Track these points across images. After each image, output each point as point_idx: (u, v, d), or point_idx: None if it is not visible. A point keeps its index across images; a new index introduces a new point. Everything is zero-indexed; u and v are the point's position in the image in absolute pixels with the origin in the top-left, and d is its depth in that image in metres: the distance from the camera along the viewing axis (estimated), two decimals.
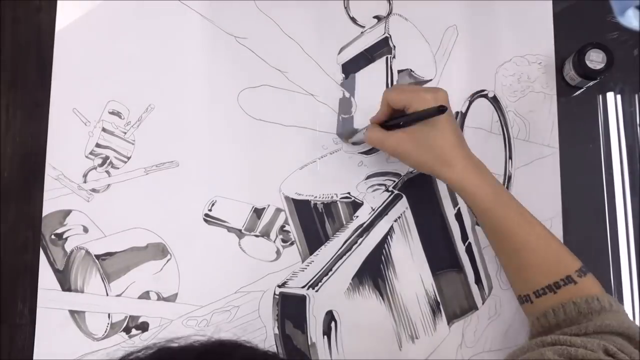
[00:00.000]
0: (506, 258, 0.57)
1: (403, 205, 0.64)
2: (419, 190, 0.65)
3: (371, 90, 0.66)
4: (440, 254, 0.65)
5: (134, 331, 0.63)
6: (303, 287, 0.62)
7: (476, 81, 0.67)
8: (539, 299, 0.53)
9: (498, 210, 0.54)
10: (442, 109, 0.50)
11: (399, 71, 0.67)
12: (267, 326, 0.63)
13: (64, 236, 0.64)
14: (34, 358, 0.62)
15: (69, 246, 0.64)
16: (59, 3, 0.67)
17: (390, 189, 0.65)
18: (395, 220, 0.64)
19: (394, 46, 0.67)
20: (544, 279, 0.52)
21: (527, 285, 0.54)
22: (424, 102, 0.53)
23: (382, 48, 0.67)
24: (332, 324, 0.62)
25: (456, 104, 0.67)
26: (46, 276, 0.63)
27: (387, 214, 0.64)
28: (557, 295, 0.52)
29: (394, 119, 0.58)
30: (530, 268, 0.54)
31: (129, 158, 0.65)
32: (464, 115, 0.67)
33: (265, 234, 0.64)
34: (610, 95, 0.68)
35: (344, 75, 0.67)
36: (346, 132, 0.65)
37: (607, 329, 0.48)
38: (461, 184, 0.54)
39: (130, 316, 0.63)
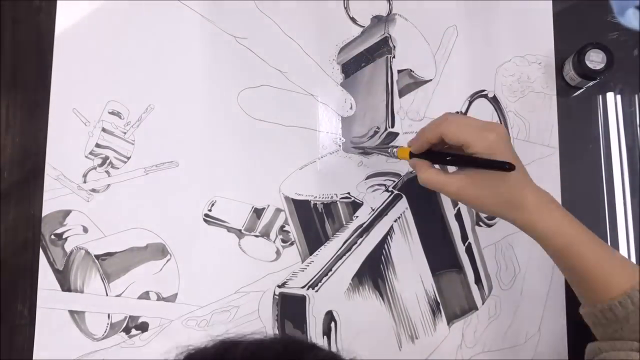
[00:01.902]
0: (582, 290, 0.53)
1: (403, 205, 0.64)
2: (419, 190, 0.65)
3: (371, 90, 0.66)
4: (440, 254, 0.65)
5: (133, 331, 0.63)
6: (303, 287, 0.62)
7: (476, 81, 0.67)
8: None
9: (574, 249, 0.50)
10: (511, 167, 0.47)
11: (399, 71, 0.67)
12: (267, 326, 0.63)
13: (64, 236, 0.64)
14: (34, 358, 0.62)
15: (68, 246, 0.64)
16: (59, 3, 0.67)
17: (390, 189, 0.65)
18: (395, 221, 0.64)
19: (394, 46, 0.67)
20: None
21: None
22: (485, 141, 0.48)
23: (382, 48, 0.67)
24: (332, 324, 0.62)
25: (456, 104, 0.67)
26: (46, 276, 0.63)
27: (387, 214, 0.64)
28: None
29: (444, 153, 0.53)
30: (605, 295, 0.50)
31: (128, 158, 0.65)
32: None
33: (265, 234, 0.64)
34: (610, 95, 0.68)
35: (343, 75, 0.67)
36: (366, 143, 0.64)
37: None
38: (534, 226, 0.50)
39: (130, 316, 0.63)
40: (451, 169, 0.55)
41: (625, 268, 0.50)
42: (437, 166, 0.53)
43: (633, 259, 0.65)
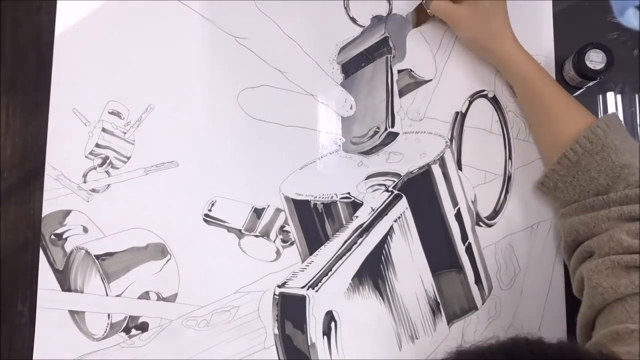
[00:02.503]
0: (542, 128, 0.63)
1: (403, 205, 0.64)
2: (419, 190, 0.65)
3: (371, 90, 0.66)
4: (440, 254, 0.65)
5: (133, 331, 0.63)
6: (303, 287, 0.62)
7: (476, 81, 0.67)
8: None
9: (538, 83, 0.61)
10: None
11: (399, 71, 0.67)
12: (267, 326, 0.63)
13: (64, 236, 0.64)
14: (34, 358, 0.62)
15: (68, 246, 0.64)
16: (59, 3, 0.67)
17: (390, 189, 0.65)
18: (395, 221, 0.64)
19: (394, 46, 0.67)
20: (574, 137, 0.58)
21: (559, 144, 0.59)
22: None
23: (382, 48, 0.67)
24: (332, 324, 0.62)
25: (456, 104, 0.67)
26: (46, 276, 0.63)
27: (387, 214, 0.64)
28: None
29: None
30: (564, 135, 0.59)
31: (128, 158, 0.65)
32: (463, 116, 0.66)
33: (265, 234, 0.64)
34: (610, 95, 0.68)
35: (343, 75, 0.67)
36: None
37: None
38: (509, 55, 0.62)
39: (130, 316, 0.63)
40: None
41: (579, 110, 0.60)
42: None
43: None
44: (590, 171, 0.56)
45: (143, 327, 0.63)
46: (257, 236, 0.64)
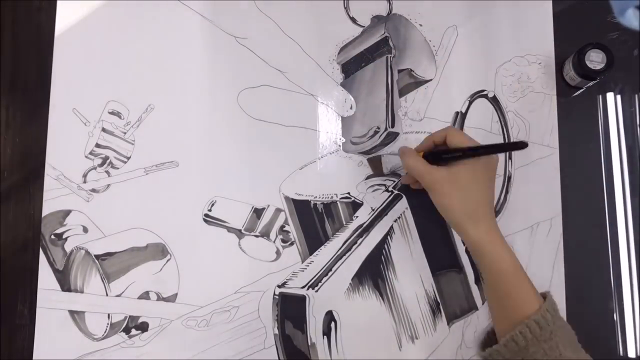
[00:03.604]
0: (500, 325, 0.56)
1: (403, 205, 0.64)
2: (419, 191, 0.65)
3: (371, 90, 0.66)
4: (440, 254, 0.65)
5: (133, 331, 0.63)
6: (303, 287, 0.62)
7: (476, 81, 0.67)
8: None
9: (511, 277, 0.54)
10: (524, 145, 0.51)
11: (399, 71, 0.67)
12: (267, 326, 0.63)
13: (64, 236, 0.64)
14: (34, 358, 0.62)
15: (68, 246, 0.64)
16: (59, 3, 0.67)
17: (390, 189, 0.65)
18: (395, 221, 0.64)
19: (394, 46, 0.67)
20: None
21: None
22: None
23: (382, 48, 0.67)
24: (332, 324, 0.62)
25: (456, 104, 0.67)
26: (46, 276, 0.63)
27: (387, 214, 0.64)
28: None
29: (447, 150, 0.56)
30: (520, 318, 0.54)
31: (128, 158, 0.65)
32: (463, 115, 0.67)
33: (265, 234, 0.64)
34: (610, 95, 0.68)
35: (343, 75, 0.67)
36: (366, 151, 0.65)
37: None
38: (482, 243, 0.54)
39: (130, 316, 0.63)
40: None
41: (533, 295, 0.54)
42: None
43: (633, 259, 0.65)
44: None
45: (143, 327, 0.63)
46: (257, 236, 0.64)
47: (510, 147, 0.55)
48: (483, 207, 0.55)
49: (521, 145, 0.51)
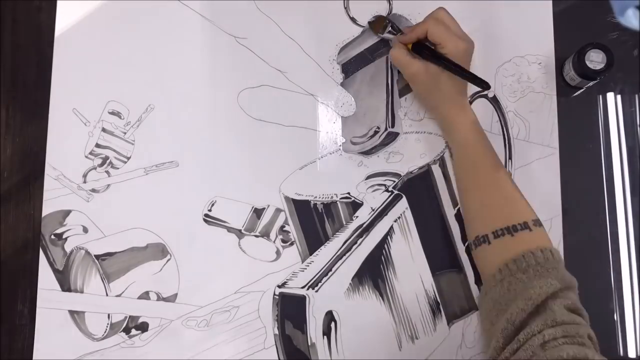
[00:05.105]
0: (472, 195, 0.61)
1: (403, 205, 0.64)
2: (419, 190, 0.65)
3: (371, 90, 0.66)
4: (440, 254, 0.65)
5: (133, 331, 0.63)
6: (303, 287, 0.62)
7: None
8: (497, 240, 0.57)
9: (479, 149, 0.60)
10: (488, 87, 0.58)
11: (399, 71, 0.67)
12: (267, 326, 0.63)
13: (64, 236, 0.64)
14: (34, 358, 0.62)
15: (68, 246, 0.64)
16: (59, 3, 0.67)
17: (390, 189, 0.65)
18: (395, 221, 0.64)
19: None
20: (503, 220, 0.57)
21: (487, 224, 0.58)
22: (455, 48, 0.59)
23: (382, 48, 0.67)
24: (332, 325, 0.62)
25: None
26: (46, 276, 0.63)
27: (387, 214, 0.64)
28: (513, 239, 0.56)
29: (435, 52, 0.60)
30: (493, 207, 0.58)
31: (128, 158, 0.65)
32: None
33: (265, 234, 0.64)
34: (610, 95, 0.68)
35: (344, 75, 0.67)
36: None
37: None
38: (453, 118, 0.61)
39: (130, 316, 0.63)
40: None
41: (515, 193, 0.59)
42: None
43: (633, 259, 0.65)
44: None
45: (143, 327, 0.63)
46: (257, 236, 0.64)
47: (475, 81, 0.58)
48: (456, 93, 0.61)
49: (485, 85, 0.57)
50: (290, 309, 0.63)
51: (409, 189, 0.64)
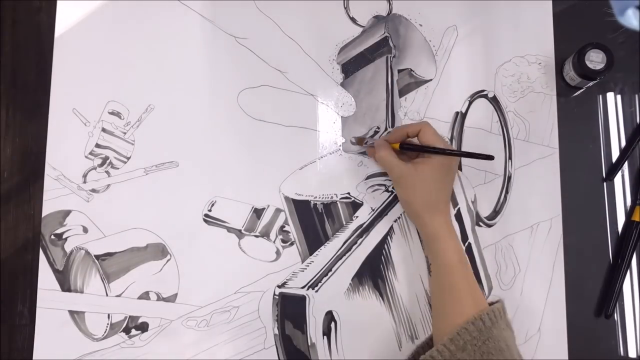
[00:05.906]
0: (441, 308, 0.58)
1: None
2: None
3: (371, 90, 0.66)
4: None
5: (133, 331, 0.63)
6: (303, 287, 0.62)
7: (476, 81, 0.67)
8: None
9: (460, 270, 0.57)
10: (491, 157, 0.56)
11: (399, 71, 0.67)
12: (267, 326, 0.63)
13: (64, 236, 0.64)
14: (34, 358, 0.62)
15: (68, 246, 0.64)
16: (59, 3, 0.67)
17: (390, 189, 0.65)
18: (395, 221, 0.64)
19: (394, 46, 0.67)
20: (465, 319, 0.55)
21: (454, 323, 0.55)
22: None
23: (382, 48, 0.67)
24: (332, 325, 0.62)
25: (456, 104, 0.67)
26: (46, 276, 0.63)
27: (387, 214, 0.64)
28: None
29: (426, 147, 0.59)
30: (461, 315, 0.55)
31: (128, 158, 0.65)
32: (463, 116, 0.67)
33: (265, 234, 0.64)
34: (610, 95, 0.68)
35: (343, 75, 0.67)
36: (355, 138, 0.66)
37: None
38: (435, 233, 0.58)
39: (130, 316, 0.63)
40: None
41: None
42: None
43: (633, 259, 0.65)
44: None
45: (143, 327, 0.63)
46: (257, 236, 0.64)
47: (478, 157, 0.57)
48: (443, 202, 0.59)
49: (488, 157, 0.56)
50: (290, 309, 0.63)
51: None
